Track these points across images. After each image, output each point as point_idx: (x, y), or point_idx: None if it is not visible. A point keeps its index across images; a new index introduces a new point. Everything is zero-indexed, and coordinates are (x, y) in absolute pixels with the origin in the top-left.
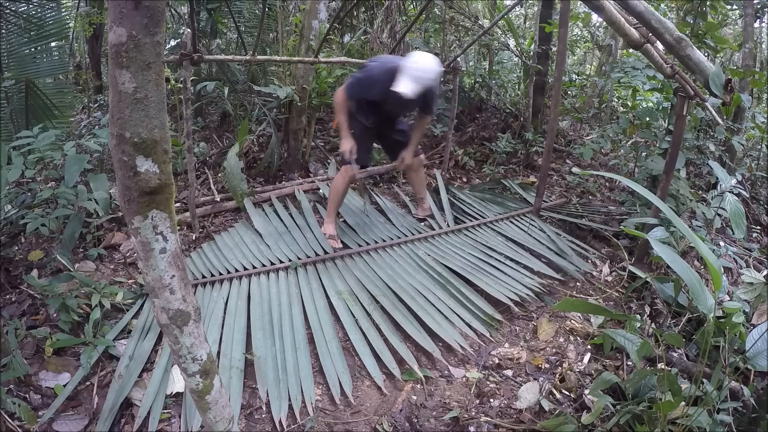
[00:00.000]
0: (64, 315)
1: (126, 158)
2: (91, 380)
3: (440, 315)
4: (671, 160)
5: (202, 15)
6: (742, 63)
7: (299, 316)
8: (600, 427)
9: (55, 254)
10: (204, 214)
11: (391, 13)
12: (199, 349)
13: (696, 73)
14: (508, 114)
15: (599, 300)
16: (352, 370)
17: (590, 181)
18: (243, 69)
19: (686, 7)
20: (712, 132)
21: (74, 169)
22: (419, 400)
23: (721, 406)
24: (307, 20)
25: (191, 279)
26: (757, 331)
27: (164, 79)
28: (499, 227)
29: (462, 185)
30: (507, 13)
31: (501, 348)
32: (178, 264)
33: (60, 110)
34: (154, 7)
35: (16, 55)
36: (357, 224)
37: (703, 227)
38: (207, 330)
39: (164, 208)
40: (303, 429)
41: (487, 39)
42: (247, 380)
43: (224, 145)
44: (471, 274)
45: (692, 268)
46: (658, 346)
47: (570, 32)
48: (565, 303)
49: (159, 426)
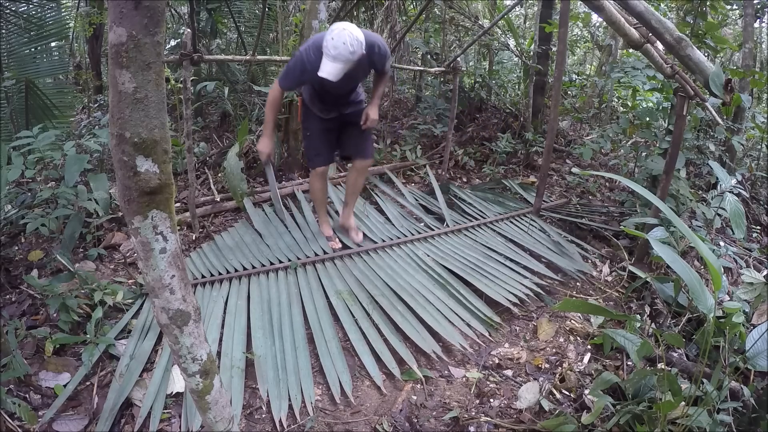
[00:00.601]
0: (64, 315)
1: (126, 158)
2: (91, 380)
3: (440, 314)
4: (671, 160)
5: (202, 15)
6: (742, 63)
7: (299, 316)
8: (600, 427)
9: (55, 254)
10: (204, 214)
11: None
12: (199, 349)
13: (696, 73)
14: (508, 114)
15: (599, 300)
16: (352, 370)
17: (590, 181)
18: (243, 69)
19: (686, 7)
20: (712, 132)
21: (74, 169)
22: (419, 400)
23: (721, 406)
24: (307, 20)
25: (191, 279)
26: (757, 331)
27: (164, 79)
28: (499, 227)
29: (462, 185)
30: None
31: (501, 348)
32: (178, 264)
33: (60, 110)
34: (154, 7)
35: (16, 55)
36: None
37: (703, 227)
38: (207, 330)
39: (164, 208)
40: (303, 429)
41: (487, 39)
42: (247, 380)
43: (224, 145)
44: (471, 275)
45: (692, 268)
46: (658, 346)
47: (570, 32)
48: (565, 303)
49: (159, 426)
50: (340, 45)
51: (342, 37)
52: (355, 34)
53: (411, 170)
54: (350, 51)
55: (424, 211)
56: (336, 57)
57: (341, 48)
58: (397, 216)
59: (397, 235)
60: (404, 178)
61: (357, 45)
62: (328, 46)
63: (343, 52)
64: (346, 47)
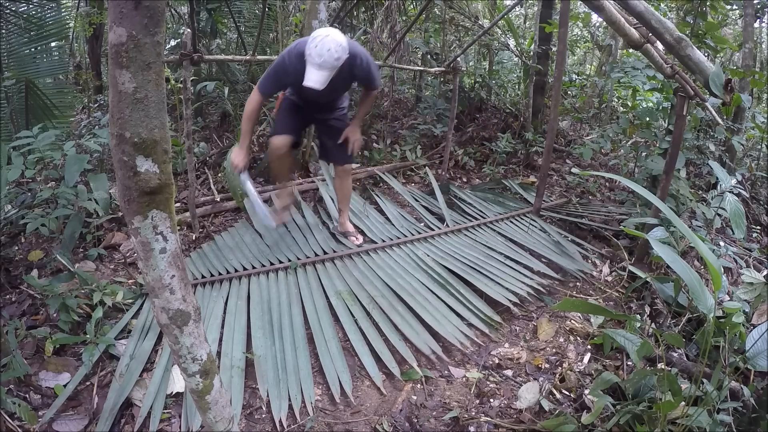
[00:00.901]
0: (64, 315)
1: (126, 158)
2: (91, 380)
3: (440, 314)
4: (671, 160)
5: (202, 15)
6: (742, 63)
7: (299, 316)
8: (600, 427)
9: (56, 254)
10: (204, 214)
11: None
12: (199, 349)
13: (696, 73)
14: (508, 114)
15: (599, 300)
16: (351, 370)
17: (590, 181)
18: (243, 69)
19: (686, 7)
20: (712, 132)
21: (74, 169)
22: (419, 400)
23: (721, 406)
24: (307, 20)
25: (191, 279)
26: (757, 331)
27: (164, 79)
28: (499, 227)
29: (462, 185)
30: (507, 13)
31: (501, 348)
32: (178, 264)
33: (60, 110)
34: (154, 7)
35: (16, 55)
36: (357, 225)
37: (703, 227)
38: (207, 330)
39: (164, 208)
40: (303, 429)
41: (487, 39)
42: (247, 380)
43: (224, 145)
44: (471, 275)
45: (692, 268)
46: (658, 346)
47: (570, 32)
48: (565, 303)
49: (159, 426)
50: (324, 52)
51: (326, 44)
52: (338, 40)
53: (411, 170)
54: (335, 57)
55: (424, 211)
56: (321, 65)
57: (326, 55)
58: (397, 216)
59: (397, 235)
60: (404, 178)
61: (341, 51)
62: (313, 54)
63: (328, 59)
64: (331, 54)
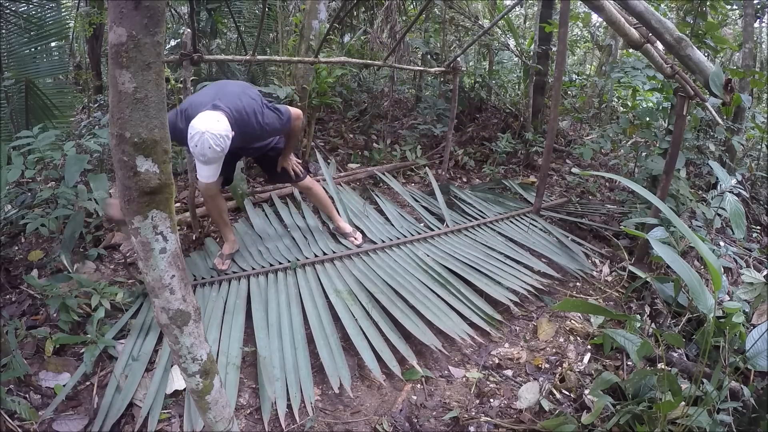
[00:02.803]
0: (64, 315)
1: (126, 158)
2: (91, 380)
3: (440, 311)
4: (671, 160)
5: (202, 15)
6: (742, 63)
7: (298, 316)
8: (600, 427)
9: (58, 254)
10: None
11: (391, 13)
12: (199, 349)
13: (696, 73)
14: (508, 114)
15: (599, 300)
16: (351, 369)
17: (590, 181)
18: (243, 69)
19: (686, 7)
20: (712, 132)
21: (74, 169)
22: (419, 400)
23: (721, 406)
24: (307, 20)
25: (191, 279)
26: (757, 331)
27: (164, 79)
28: (499, 227)
29: (462, 185)
30: (507, 13)
31: (501, 348)
32: (178, 264)
33: (60, 110)
34: (154, 7)
35: (16, 55)
36: (356, 225)
37: (703, 227)
38: (207, 330)
39: (164, 208)
40: (303, 429)
41: (487, 39)
42: (248, 380)
43: None
44: (471, 275)
45: (692, 268)
46: (658, 346)
47: (570, 32)
48: (565, 303)
49: (159, 426)
50: (206, 150)
51: (204, 142)
52: (216, 131)
53: (411, 170)
54: (218, 150)
55: (424, 211)
56: (207, 162)
57: (209, 153)
58: (397, 216)
59: (396, 235)
60: (404, 178)
61: (223, 139)
62: (196, 153)
63: (212, 156)
64: (213, 150)
